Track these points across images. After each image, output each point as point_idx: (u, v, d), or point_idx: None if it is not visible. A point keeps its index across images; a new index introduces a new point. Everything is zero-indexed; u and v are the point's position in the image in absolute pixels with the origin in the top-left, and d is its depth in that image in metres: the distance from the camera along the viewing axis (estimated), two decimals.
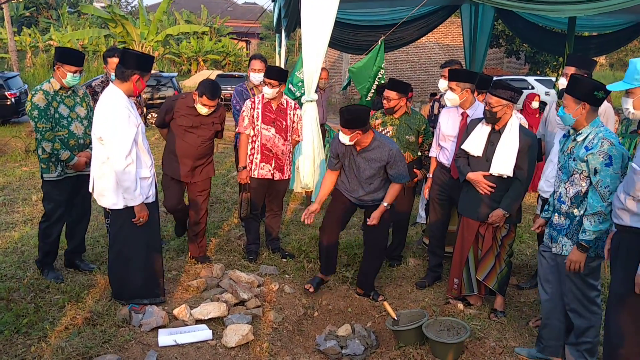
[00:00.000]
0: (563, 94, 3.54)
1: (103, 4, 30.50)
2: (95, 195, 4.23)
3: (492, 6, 7.88)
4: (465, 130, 4.47)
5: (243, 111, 5.30)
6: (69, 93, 4.71)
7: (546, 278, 3.74)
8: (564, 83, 4.25)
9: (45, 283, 4.65)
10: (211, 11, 38.77)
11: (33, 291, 4.51)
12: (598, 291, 3.57)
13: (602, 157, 3.28)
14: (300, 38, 6.83)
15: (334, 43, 9.99)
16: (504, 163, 4.14)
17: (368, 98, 7.62)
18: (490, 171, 4.20)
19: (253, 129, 5.27)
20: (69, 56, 4.59)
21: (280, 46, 11.03)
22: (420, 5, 7.95)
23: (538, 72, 24.36)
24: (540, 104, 9.10)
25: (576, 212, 3.46)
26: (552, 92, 19.34)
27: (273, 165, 5.33)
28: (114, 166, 3.98)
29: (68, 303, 4.31)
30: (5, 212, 6.90)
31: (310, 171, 6.29)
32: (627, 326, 3.16)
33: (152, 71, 4.28)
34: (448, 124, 4.86)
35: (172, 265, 5.18)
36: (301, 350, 3.96)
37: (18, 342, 3.77)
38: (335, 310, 4.57)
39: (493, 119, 4.15)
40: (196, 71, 32.26)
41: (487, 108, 4.15)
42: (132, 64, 4.04)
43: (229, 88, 17.99)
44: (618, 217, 3.14)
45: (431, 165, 5.09)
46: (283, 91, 5.32)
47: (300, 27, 6.47)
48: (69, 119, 4.67)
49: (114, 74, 4.14)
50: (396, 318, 4.09)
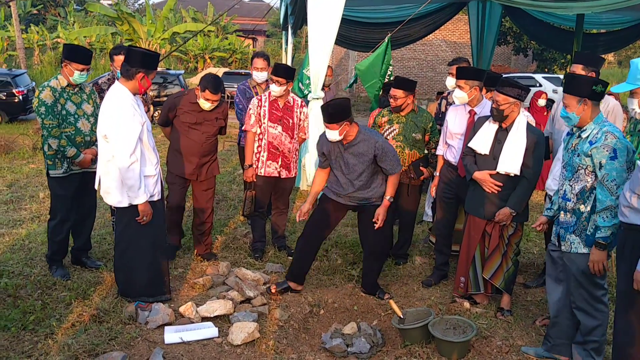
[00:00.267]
0: None
1: (110, 2, 30.57)
2: (101, 192, 4.24)
3: (500, 3, 7.84)
4: (472, 128, 4.46)
5: (250, 109, 5.29)
6: (76, 90, 4.72)
7: (556, 277, 3.72)
8: None
9: (52, 280, 4.67)
10: (218, 8, 38.78)
11: (40, 288, 4.53)
12: (605, 290, 3.55)
13: (607, 151, 3.26)
14: (306, 35, 6.82)
15: (341, 40, 9.98)
16: (511, 161, 4.12)
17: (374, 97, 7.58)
18: (497, 169, 4.17)
19: (260, 127, 5.27)
20: (77, 54, 4.59)
21: (286, 44, 11.03)
22: (427, 2, 7.94)
23: (546, 70, 24.23)
24: (547, 102, 9.05)
25: (582, 209, 3.44)
26: (560, 90, 19.20)
27: (280, 163, 5.32)
28: (118, 164, 3.99)
29: (75, 300, 4.32)
30: (12, 209, 6.93)
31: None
32: (635, 324, 3.15)
33: (159, 69, 4.27)
34: (455, 122, 4.84)
35: (178, 262, 5.19)
36: (307, 348, 3.96)
37: (25, 339, 3.79)
38: (341, 308, 4.56)
39: (500, 117, 4.13)
40: (203, 69, 32.25)
41: (495, 106, 4.12)
42: (137, 62, 4.04)
43: (235, 85, 17.96)
44: (623, 215, 3.13)
45: (438, 163, 5.07)
46: (291, 89, 5.32)
47: (306, 25, 6.47)
48: (76, 116, 4.68)
49: (119, 72, 4.15)
50: (402, 316, 4.08)
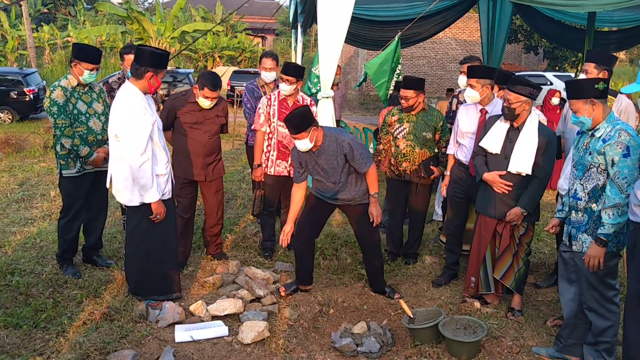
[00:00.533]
0: None
1: (120, 0, 30.66)
2: (113, 191, 4.26)
3: (511, 1, 7.78)
4: (483, 127, 4.43)
5: (259, 108, 5.29)
6: (86, 89, 4.74)
7: (568, 277, 3.69)
8: None
9: (63, 278, 4.70)
10: (227, 7, 38.84)
11: (51, 286, 4.56)
12: (616, 290, 3.52)
13: (620, 148, 3.24)
14: (316, 34, 6.80)
15: (350, 39, 9.95)
16: (523, 161, 4.09)
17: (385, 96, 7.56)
18: (508, 169, 4.14)
19: (269, 126, 5.26)
20: (86, 54, 4.61)
21: (296, 42, 11.02)
22: (437, 0, 7.89)
23: (557, 68, 24.05)
24: (560, 101, 8.98)
25: (595, 207, 3.41)
26: None
27: (289, 162, 5.31)
28: (130, 163, 4.00)
29: (86, 298, 4.35)
30: (24, 208, 6.98)
31: None
32: None
33: (168, 67, 4.27)
34: (466, 121, 4.81)
35: (189, 261, 5.20)
36: (317, 347, 3.96)
37: (37, 337, 3.81)
38: (350, 307, 4.55)
39: (512, 116, 4.10)
40: (212, 67, 32.30)
41: (506, 104, 4.09)
42: (146, 61, 4.05)
43: (245, 84, 17.94)
44: (634, 214, 3.11)
45: (449, 162, 5.05)
46: (300, 88, 5.31)
47: (316, 23, 6.45)
48: (87, 115, 4.70)
49: (130, 71, 4.16)
50: (412, 316, 4.07)
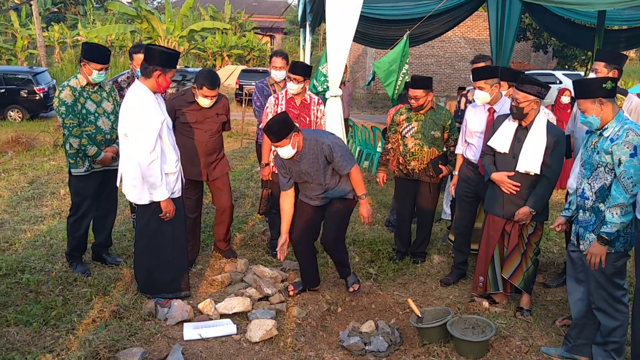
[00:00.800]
0: None
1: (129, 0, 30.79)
2: (123, 189, 4.28)
3: (520, 0, 7.75)
4: (491, 126, 4.41)
5: (267, 107, 5.30)
6: (96, 89, 4.76)
7: (576, 277, 3.68)
8: None
9: (73, 276, 4.74)
10: (236, 6, 38.93)
11: (61, 284, 4.59)
12: (624, 290, 3.51)
13: (627, 148, 3.23)
14: (324, 32, 6.80)
15: (359, 37, 9.93)
16: (531, 160, 4.07)
17: (395, 96, 7.55)
18: (517, 168, 4.13)
19: None
20: (95, 54, 4.62)
21: (304, 41, 11.02)
22: None
23: (566, 67, 23.90)
24: (570, 100, 8.93)
25: (602, 207, 3.40)
26: None
27: None
28: (139, 162, 4.02)
29: (95, 296, 4.38)
30: (34, 206, 7.03)
31: None
32: None
33: (177, 66, 4.27)
34: (474, 120, 4.79)
35: (197, 259, 5.22)
36: (325, 346, 3.96)
37: (46, 334, 3.84)
38: (358, 306, 4.56)
39: (520, 115, 4.08)
40: (221, 66, 32.37)
41: (514, 104, 4.07)
42: (154, 60, 4.06)
43: (253, 83, 17.96)
44: None
45: (457, 161, 5.03)
46: (307, 87, 5.31)
47: (324, 22, 6.45)
48: (96, 115, 4.72)
49: (139, 71, 4.18)
50: (420, 315, 4.06)
